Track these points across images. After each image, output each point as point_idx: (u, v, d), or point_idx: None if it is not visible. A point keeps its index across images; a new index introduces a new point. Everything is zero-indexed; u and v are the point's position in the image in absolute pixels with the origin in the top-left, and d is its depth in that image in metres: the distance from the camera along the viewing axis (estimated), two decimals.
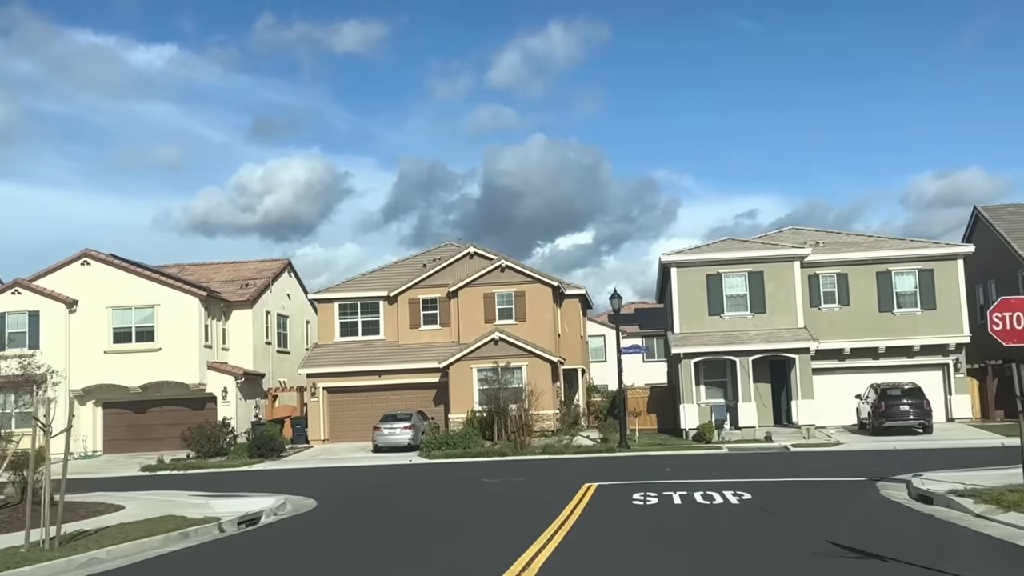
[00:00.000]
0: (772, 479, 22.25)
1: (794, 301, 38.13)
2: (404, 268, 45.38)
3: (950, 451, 30.05)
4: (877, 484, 20.17)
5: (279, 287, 48.87)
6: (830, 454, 31.08)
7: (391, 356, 42.76)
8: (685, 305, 38.77)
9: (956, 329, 39.09)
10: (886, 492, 18.84)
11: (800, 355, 36.78)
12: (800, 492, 19.84)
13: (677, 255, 39.07)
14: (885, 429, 35.06)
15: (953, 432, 35.47)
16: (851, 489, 19.74)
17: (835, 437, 34.90)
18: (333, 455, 37.13)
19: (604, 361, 66.78)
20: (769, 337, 37.44)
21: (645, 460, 30.82)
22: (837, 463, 27.06)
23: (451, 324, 43.31)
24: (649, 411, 41.25)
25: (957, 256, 39.30)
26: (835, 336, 39.07)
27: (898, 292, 39.53)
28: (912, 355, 39.46)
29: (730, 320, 38.47)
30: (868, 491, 19.32)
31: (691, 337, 38.18)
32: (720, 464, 28.48)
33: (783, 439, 35.23)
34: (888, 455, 29.86)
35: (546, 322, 42.39)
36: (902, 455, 29.38)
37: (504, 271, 42.69)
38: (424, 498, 21.71)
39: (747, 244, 39.23)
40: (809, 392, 36.66)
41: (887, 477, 21.08)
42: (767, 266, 38.36)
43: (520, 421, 35.42)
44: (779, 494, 19.39)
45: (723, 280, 38.67)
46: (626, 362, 68.55)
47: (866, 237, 41.28)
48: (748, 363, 36.99)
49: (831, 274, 40.01)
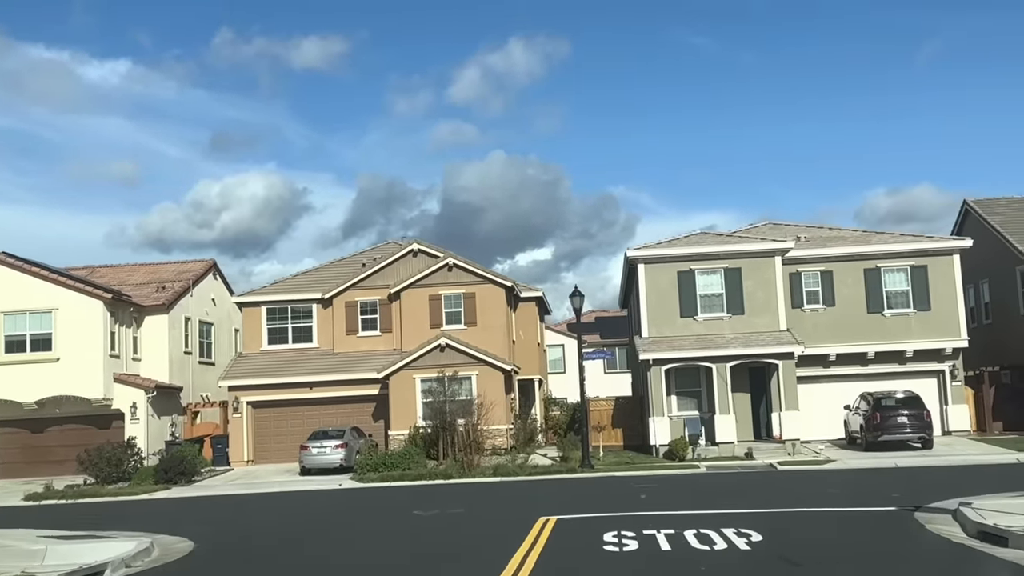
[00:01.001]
0: (776, 509, 17.95)
1: (775, 300, 34.09)
2: (341, 268, 40.71)
3: (962, 469, 26.07)
4: (916, 516, 15.95)
5: (202, 291, 43.89)
6: (824, 474, 26.93)
7: (325, 366, 38.04)
8: (654, 306, 34.56)
9: (952, 332, 35.30)
10: (934, 527, 14.57)
11: (783, 361, 32.71)
12: (822, 529, 15.54)
13: (645, 250, 34.89)
14: (880, 444, 31.06)
15: (954, 447, 31.56)
16: (886, 523, 15.47)
17: (824, 453, 30.82)
18: (254, 479, 32.30)
19: (563, 372, 62.57)
20: (748, 341, 33.34)
21: (612, 483, 26.48)
22: (840, 485, 22.89)
23: (393, 330, 38.71)
24: (614, 425, 36.92)
25: (953, 251, 35.56)
26: (819, 340, 35.10)
27: (888, 291, 35.67)
28: (904, 361, 35.60)
29: (704, 322, 34.32)
30: (909, 526, 15.06)
31: (661, 341, 33.97)
32: (702, 487, 24.20)
33: (766, 456, 31.07)
34: (892, 475, 25.77)
35: (499, 327, 37.97)
36: (910, 475, 25.30)
37: (452, 270, 38.22)
38: (334, 539, 17.09)
39: (722, 238, 35.18)
40: (794, 403, 32.59)
41: (922, 506, 16.86)
42: (745, 262, 34.30)
43: (468, 438, 30.90)
44: (795, 532, 15.11)
45: (696, 278, 34.52)
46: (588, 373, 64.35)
47: (851, 231, 37.46)
48: (725, 370, 32.85)
49: (814, 271, 36.05)
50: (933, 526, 14.61)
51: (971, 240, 35.81)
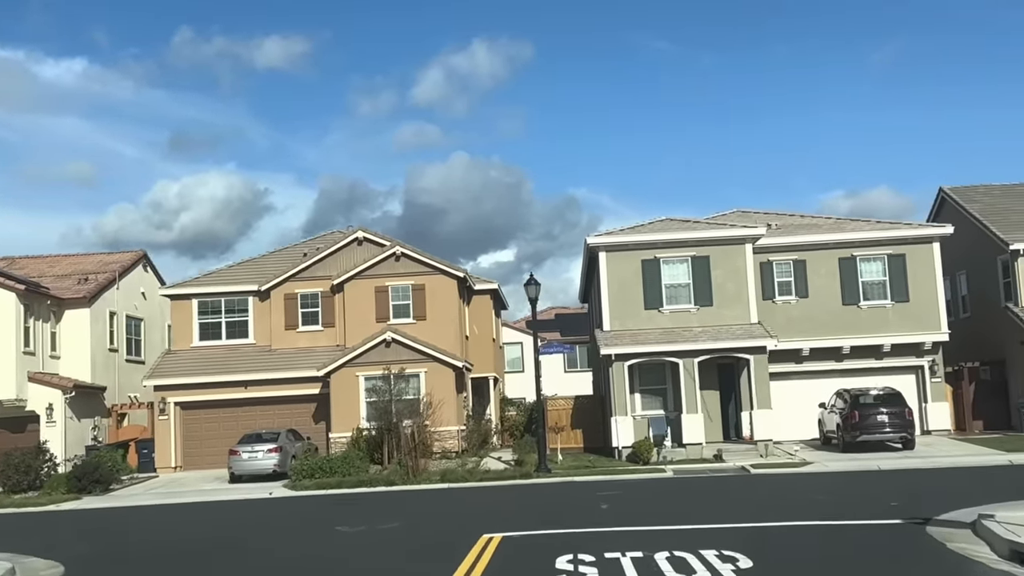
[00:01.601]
0: (760, 523, 15.41)
1: (746, 291, 31.75)
2: (281, 259, 37.78)
3: (953, 473, 23.86)
4: (928, 531, 13.49)
5: (130, 284, 40.70)
6: (802, 478, 24.59)
7: (261, 363, 35.11)
8: (616, 297, 32.07)
9: (932, 325, 33.21)
10: (957, 546, 12.07)
11: (755, 356, 30.37)
12: (822, 549, 12.95)
13: (606, 237, 32.39)
14: (858, 444, 28.84)
15: (937, 447, 29.42)
16: (898, 542, 12.96)
17: (799, 454, 28.52)
18: (179, 487, 29.32)
19: (522, 372, 59.88)
20: (717, 334, 30.96)
21: (571, 489, 23.92)
22: (826, 492, 20.51)
23: (336, 324, 35.88)
24: (574, 426, 34.40)
25: (932, 238, 33.47)
26: (792, 334, 32.83)
27: (864, 281, 33.49)
28: (881, 356, 33.47)
29: (670, 315, 31.90)
30: (927, 544, 12.56)
31: (624, 335, 31.48)
32: (670, 495, 21.74)
33: (736, 458, 28.72)
34: (878, 479, 23.49)
35: (450, 321, 35.28)
36: (897, 479, 23.03)
37: (399, 260, 35.47)
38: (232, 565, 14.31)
39: (689, 224, 32.78)
40: (766, 400, 30.26)
41: (931, 519, 14.41)
42: (714, 249, 31.92)
43: (413, 440, 28.18)
44: (791, 553, 12.58)
45: (662, 267, 32.08)
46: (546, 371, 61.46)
47: (825, 219, 35.26)
48: (693, 366, 30.44)
49: (786, 260, 33.79)
50: (955, 544, 12.15)
51: (952, 227, 33.75)
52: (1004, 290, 34.84)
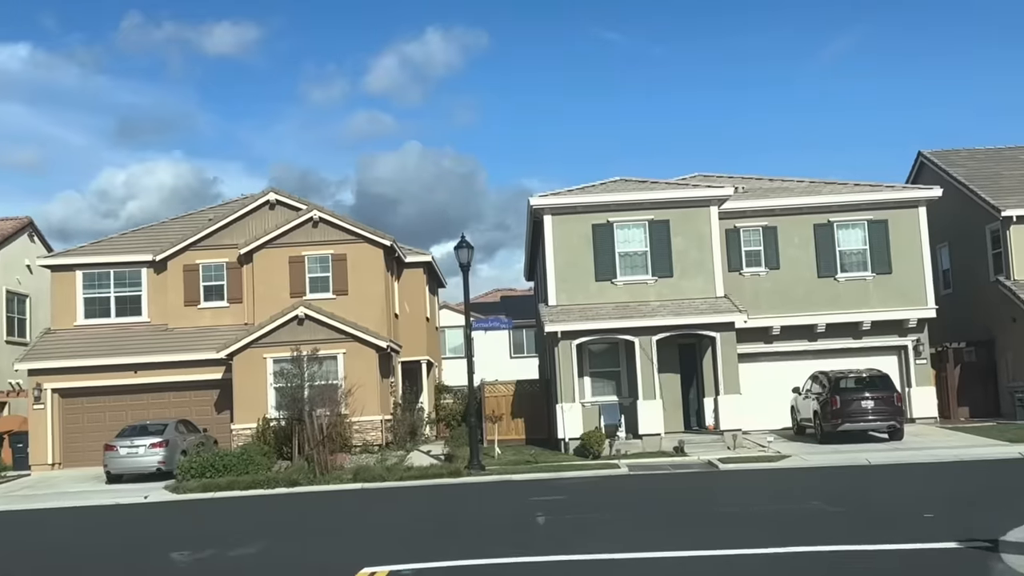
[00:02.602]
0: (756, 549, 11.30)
1: (711, 260, 27.80)
2: (183, 225, 33.03)
3: (959, 468, 20.17)
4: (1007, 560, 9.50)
5: (12, 255, 35.71)
6: (782, 475, 20.72)
7: (156, 344, 30.43)
8: (563, 267, 27.95)
9: (917, 299, 29.58)
10: None
11: (721, 333, 26.45)
12: None
13: (552, 197, 28.21)
14: (839, 435, 25.10)
15: (928, 437, 25.76)
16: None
17: (772, 446, 24.68)
18: (46, 489, 24.65)
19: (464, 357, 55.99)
20: (679, 309, 26.98)
21: (504, 492, 19.79)
22: (820, 495, 16.59)
23: (244, 300, 31.31)
24: (514, 415, 30.23)
25: (918, 202, 29.80)
26: (761, 310, 29.00)
27: (842, 250, 29.74)
28: (860, 335, 29.77)
29: (625, 287, 27.85)
30: None
31: (571, 310, 27.38)
32: (625, 500, 17.69)
33: (701, 450, 24.82)
34: (874, 476, 19.71)
35: (375, 296, 30.91)
36: (899, 476, 19.27)
37: (318, 226, 30.98)
38: None
39: (647, 185, 28.72)
40: (734, 384, 26.39)
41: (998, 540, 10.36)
42: (674, 213, 27.90)
43: (321, 433, 23.79)
44: None
45: (615, 232, 28.00)
46: (491, 356, 57.86)
47: (797, 181, 31.41)
48: (650, 345, 26.44)
49: (755, 227, 29.92)
50: None
51: (940, 189, 30.10)
52: (993, 262, 31.32)
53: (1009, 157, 34.27)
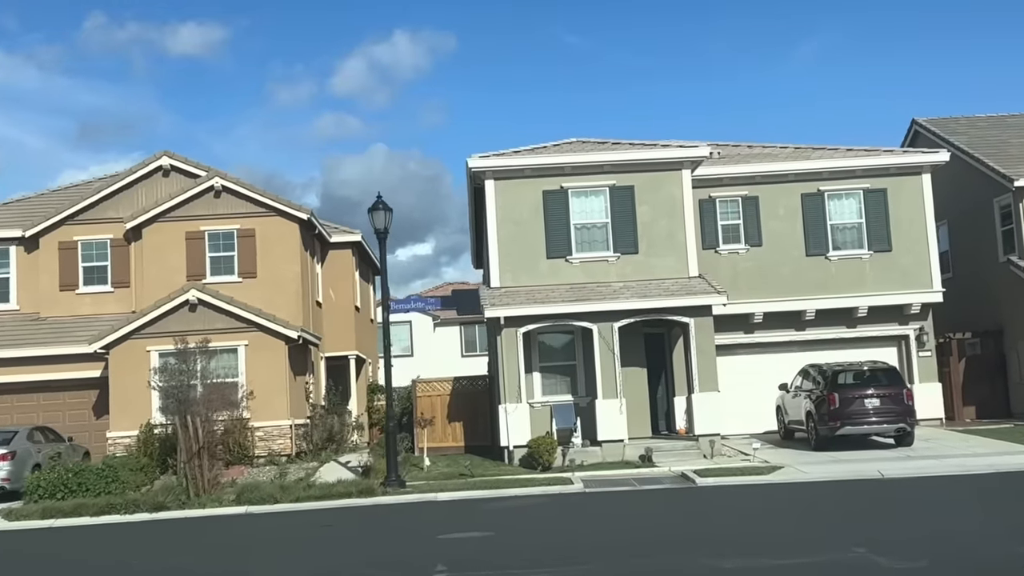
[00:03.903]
0: None
1: (683, 233, 23.44)
2: (64, 198, 28.02)
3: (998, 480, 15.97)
4: None
5: None
6: (778, 492, 16.39)
7: (25, 336, 25.47)
8: (509, 241, 23.46)
9: (921, 281, 25.49)
10: None
11: (696, 319, 22.09)
12: None
13: (496, 158, 23.70)
14: (838, 440, 20.89)
15: (942, 442, 21.61)
16: None
17: (759, 454, 20.35)
18: None
19: (411, 356, 51.25)
20: (645, 290, 22.59)
21: (418, 518, 15.28)
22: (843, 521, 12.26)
23: (132, 284, 26.45)
24: (452, 418, 25.61)
25: (922, 168, 25.72)
26: (741, 294, 24.73)
27: (834, 224, 25.57)
28: (854, 323, 25.64)
29: (582, 265, 23.42)
30: None
31: (518, 293, 22.90)
32: (575, 535, 13.21)
33: (671, 459, 20.51)
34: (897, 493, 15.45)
35: (289, 279, 26.18)
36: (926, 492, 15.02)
37: (220, 196, 26.19)
38: None
39: (608, 145, 24.33)
40: (710, 380, 22.04)
41: None
42: (641, 178, 23.52)
43: (198, 442, 18.97)
44: None
45: (571, 200, 23.56)
46: (441, 354, 53.06)
47: (781, 147, 27.18)
48: (612, 333, 22.03)
49: (734, 197, 25.66)
50: None
51: (947, 153, 26.02)
52: (1003, 240, 27.34)
53: (1015, 125, 30.33)
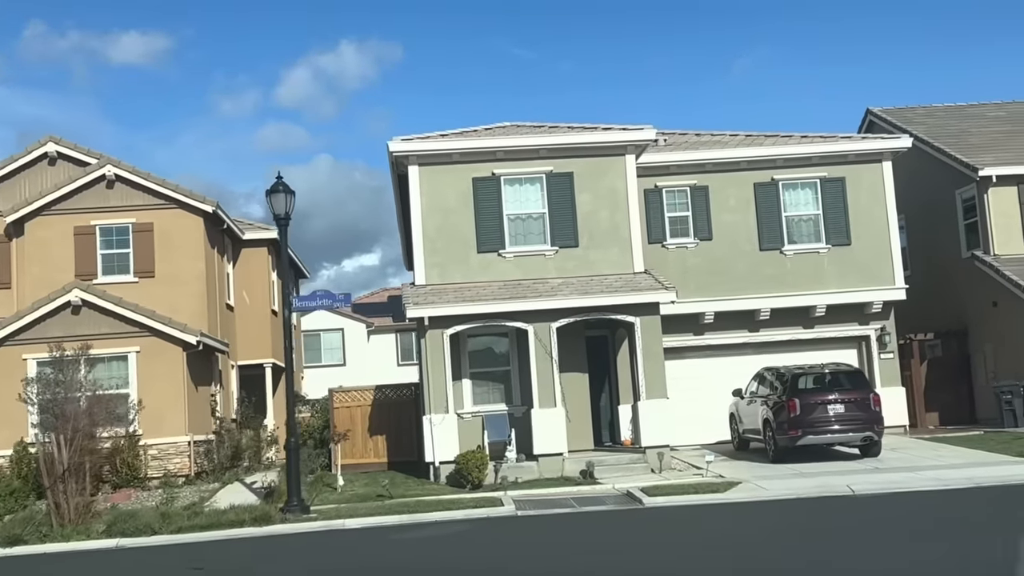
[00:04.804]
0: None
1: (627, 224, 21.26)
2: None
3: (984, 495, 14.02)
4: None
5: None
6: (739, 513, 14.23)
7: None
8: (435, 234, 21.08)
9: (882, 277, 23.65)
10: None
11: (643, 317, 19.91)
12: None
13: (420, 141, 21.31)
14: (798, 451, 18.86)
15: (908, 452, 19.70)
16: None
17: (713, 468, 18.20)
18: None
19: (344, 365, 48.64)
20: (587, 288, 20.35)
21: (314, 555, 12.78)
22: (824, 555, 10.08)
23: (12, 284, 23.55)
24: (374, 431, 23.06)
25: (882, 155, 23.90)
26: (690, 292, 22.65)
27: (789, 216, 23.63)
28: (812, 322, 23.70)
29: (517, 260, 21.12)
30: None
31: (445, 291, 20.52)
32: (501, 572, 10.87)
33: (616, 475, 18.33)
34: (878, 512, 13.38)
35: (192, 278, 23.51)
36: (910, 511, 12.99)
37: (114, 186, 23.47)
38: None
39: (544, 129, 22.10)
40: (658, 385, 19.86)
41: None
42: (581, 163, 21.31)
43: (60, 464, 16.21)
44: None
45: (504, 188, 21.26)
46: (376, 362, 50.19)
47: (731, 135, 25.17)
48: (550, 335, 19.76)
49: (682, 187, 23.60)
50: None
51: (910, 139, 24.26)
52: (966, 235, 25.68)
53: (974, 115, 28.79)
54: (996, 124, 27.64)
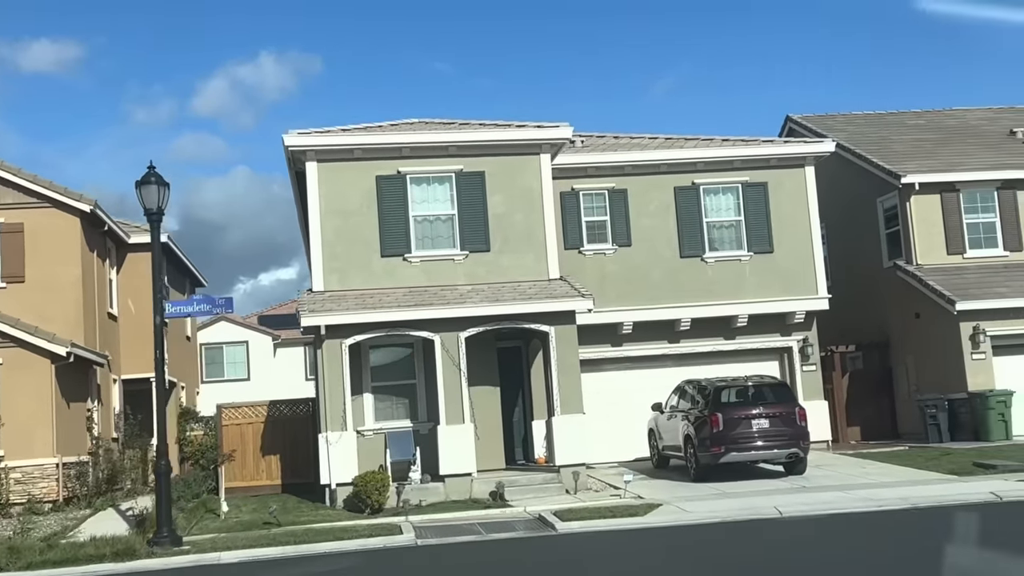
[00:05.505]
0: None
1: (542, 228, 19.92)
2: None
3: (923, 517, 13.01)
4: None
5: None
6: (661, 540, 12.94)
7: None
8: (334, 236, 19.44)
9: (805, 287, 22.82)
10: None
11: (557, 327, 18.59)
12: None
13: (319, 136, 19.67)
14: (720, 469, 17.75)
15: (834, 469, 18.78)
16: None
17: (631, 488, 16.95)
18: None
19: (248, 379, 46.30)
20: (498, 295, 18.95)
21: None
22: None
23: None
24: (266, 451, 21.23)
25: (804, 159, 23.12)
26: (608, 300, 21.45)
27: (711, 222, 22.64)
28: (733, 333, 22.74)
29: (424, 265, 19.60)
30: None
31: (345, 297, 18.89)
32: None
33: (528, 497, 16.96)
34: (811, 540, 12.23)
35: (68, 284, 21.43)
36: (848, 537, 11.84)
37: None
38: None
39: (455, 126, 20.68)
40: (574, 400, 18.54)
41: None
42: (493, 162, 19.92)
43: None
44: None
45: (410, 188, 19.74)
46: (284, 378, 48.00)
47: (650, 138, 24.11)
48: (458, 345, 18.29)
49: (600, 190, 22.44)
50: None
51: (833, 143, 23.54)
52: (888, 244, 25.09)
53: (893, 123, 28.37)
54: (916, 132, 27.24)
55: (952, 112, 29.18)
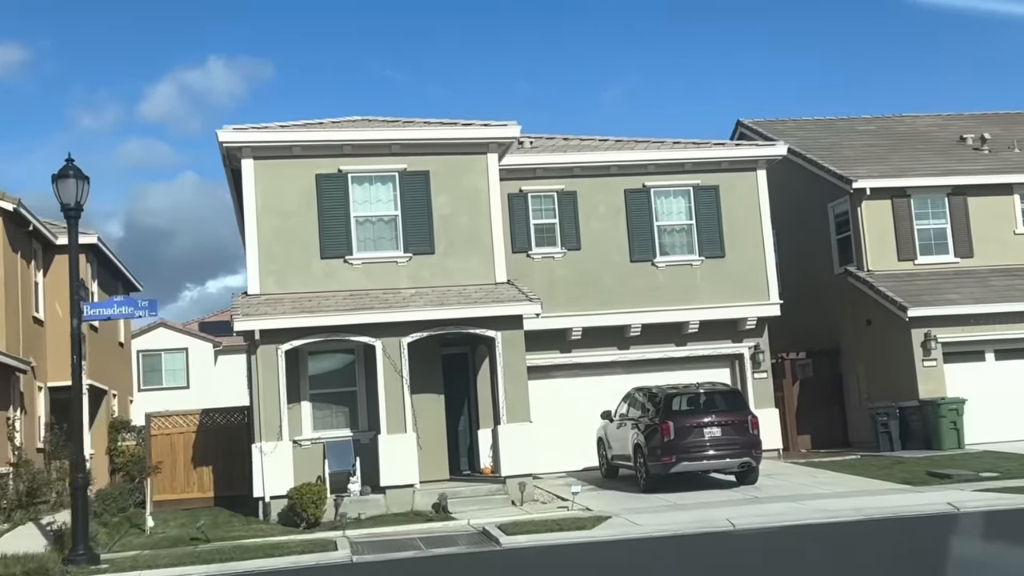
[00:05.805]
0: None
1: (488, 230, 19.24)
2: None
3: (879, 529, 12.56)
4: None
5: None
6: (608, 555, 12.32)
7: None
8: (271, 236, 18.59)
9: (757, 292, 22.40)
10: None
11: (504, 332, 17.93)
12: None
13: (256, 132, 18.80)
14: (671, 479, 17.21)
15: (785, 479, 18.37)
16: None
17: (579, 499, 16.34)
18: None
19: (187, 387, 44.87)
20: (443, 298, 18.23)
21: None
22: None
23: None
24: (198, 462, 20.19)
25: (756, 163, 22.74)
26: (557, 305, 20.83)
27: (662, 226, 22.14)
28: (684, 339, 22.24)
29: (365, 267, 18.81)
30: None
31: (282, 301, 18.03)
32: None
33: (473, 509, 16.28)
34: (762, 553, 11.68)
35: None
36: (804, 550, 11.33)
37: None
38: None
39: (399, 124, 19.95)
40: (521, 408, 17.89)
41: None
42: (438, 161, 19.21)
43: None
44: None
45: (351, 187, 18.95)
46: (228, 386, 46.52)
47: (600, 140, 23.57)
48: (401, 351, 17.54)
49: (549, 192, 21.83)
50: None
51: (785, 146, 23.20)
52: (839, 250, 24.85)
53: (844, 128, 28.24)
54: (867, 138, 27.10)
55: (902, 118, 29.14)
